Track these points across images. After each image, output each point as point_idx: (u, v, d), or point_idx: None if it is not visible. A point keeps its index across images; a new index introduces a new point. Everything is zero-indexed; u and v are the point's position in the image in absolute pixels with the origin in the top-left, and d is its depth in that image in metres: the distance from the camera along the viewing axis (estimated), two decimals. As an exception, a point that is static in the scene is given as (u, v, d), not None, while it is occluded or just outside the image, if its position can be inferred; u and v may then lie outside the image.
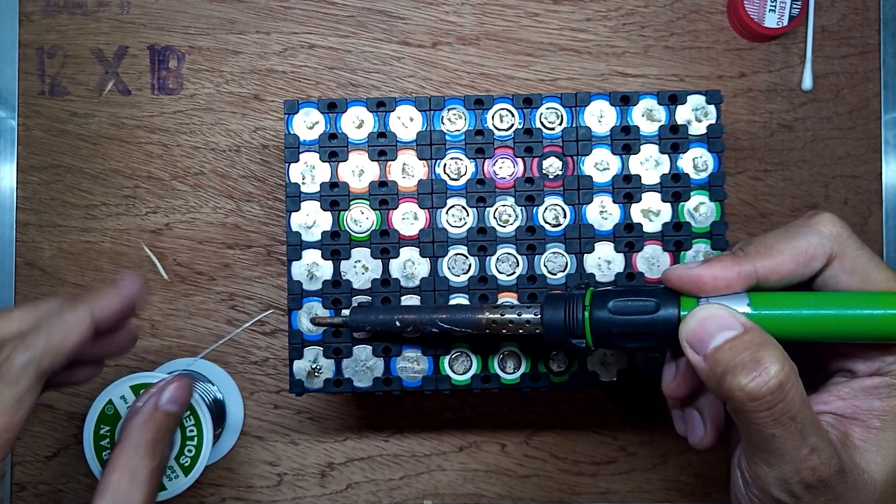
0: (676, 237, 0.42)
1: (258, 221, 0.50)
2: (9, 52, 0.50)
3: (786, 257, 0.31)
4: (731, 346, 0.29)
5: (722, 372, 0.28)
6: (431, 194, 0.42)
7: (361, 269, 0.42)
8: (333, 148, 0.42)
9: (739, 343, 0.29)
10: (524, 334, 0.35)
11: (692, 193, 0.42)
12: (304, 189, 0.41)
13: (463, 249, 0.41)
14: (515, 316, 0.35)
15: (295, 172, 0.42)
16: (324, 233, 0.41)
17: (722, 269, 0.31)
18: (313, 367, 0.41)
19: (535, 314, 0.35)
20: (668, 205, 0.42)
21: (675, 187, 0.42)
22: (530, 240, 0.41)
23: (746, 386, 0.28)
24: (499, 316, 0.35)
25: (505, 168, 0.42)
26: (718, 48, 0.51)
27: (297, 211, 0.41)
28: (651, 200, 0.42)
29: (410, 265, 0.41)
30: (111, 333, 0.37)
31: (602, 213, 0.42)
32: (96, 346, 0.36)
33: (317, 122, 0.42)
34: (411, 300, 0.41)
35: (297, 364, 0.41)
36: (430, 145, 0.42)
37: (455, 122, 0.42)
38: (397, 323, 0.37)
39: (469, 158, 0.42)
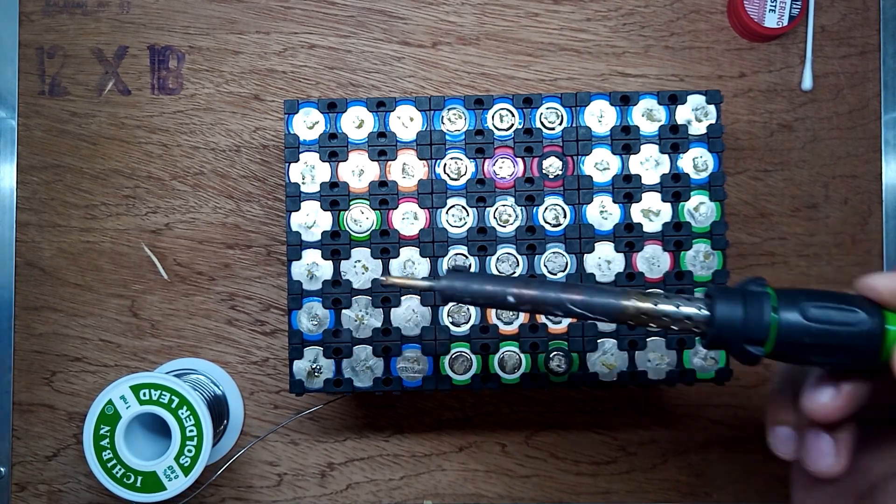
0: (676, 237, 0.42)
1: (258, 221, 0.50)
2: (9, 52, 0.50)
3: None
4: None
5: None
6: (431, 194, 0.42)
7: (361, 269, 0.42)
8: (333, 148, 0.42)
9: None
10: (676, 330, 0.29)
11: (692, 193, 0.42)
12: (304, 189, 0.41)
13: (463, 249, 0.41)
14: (673, 308, 0.28)
15: (295, 172, 0.42)
16: (324, 233, 0.41)
17: None
18: (313, 367, 0.41)
19: (699, 309, 0.28)
20: (668, 205, 0.42)
21: (675, 187, 0.42)
22: (530, 240, 0.41)
23: None
24: (651, 306, 0.29)
25: (505, 168, 0.42)
26: (718, 48, 0.51)
27: (297, 211, 0.41)
28: (651, 200, 0.42)
29: (410, 265, 0.41)
30: None
31: (602, 212, 0.42)
32: None
33: (317, 122, 0.42)
34: (411, 300, 0.41)
35: (297, 364, 0.41)
36: (430, 145, 0.42)
37: (455, 122, 0.42)
38: (510, 298, 0.30)
39: (469, 158, 0.42)
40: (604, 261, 0.42)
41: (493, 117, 0.42)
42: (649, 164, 0.42)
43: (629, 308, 0.29)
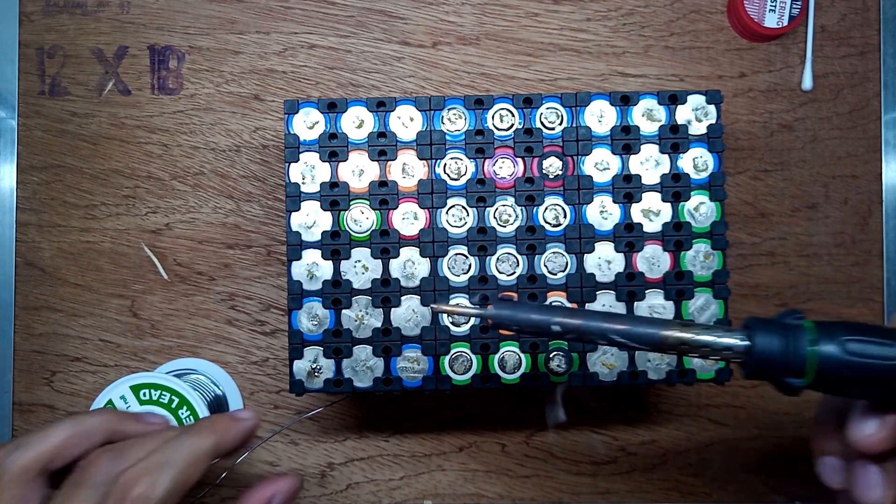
0: (677, 237, 0.42)
1: (258, 221, 0.50)
2: (9, 52, 0.50)
3: None
4: None
5: None
6: (431, 194, 0.42)
7: (361, 269, 0.42)
8: (333, 148, 0.42)
9: None
10: (716, 360, 0.31)
11: (692, 193, 0.42)
12: (304, 189, 0.41)
13: (463, 249, 0.41)
14: (713, 339, 0.29)
15: (295, 172, 0.42)
16: (324, 233, 0.41)
17: None
18: (313, 367, 0.41)
19: (740, 339, 0.29)
20: (669, 205, 0.42)
21: (675, 187, 0.42)
22: (530, 240, 0.41)
23: None
24: (692, 336, 0.30)
25: (505, 168, 0.42)
26: (718, 48, 0.51)
27: (297, 211, 0.41)
28: (651, 200, 0.42)
29: (410, 265, 0.41)
30: None
31: (602, 212, 0.42)
32: None
33: (317, 122, 0.42)
34: (411, 300, 0.41)
35: (297, 364, 0.41)
36: (430, 145, 0.42)
37: (455, 122, 0.42)
38: (555, 328, 0.32)
39: (469, 158, 0.42)
40: (604, 261, 0.42)
41: (493, 117, 0.42)
42: (649, 164, 0.42)
43: (669, 338, 0.30)
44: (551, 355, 0.41)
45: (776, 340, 0.28)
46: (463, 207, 0.42)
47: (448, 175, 0.42)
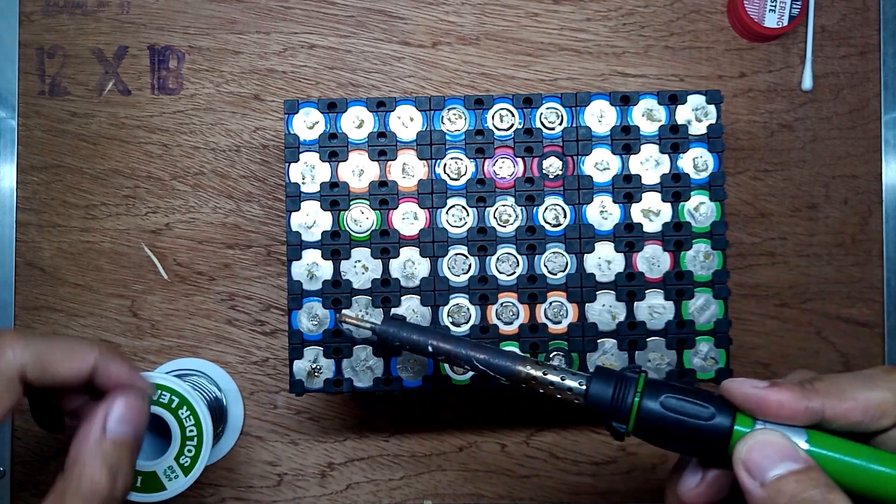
0: (676, 237, 0.42)
1: (258, 221, 0.50)
2: (9, 52, 0.50)
3: (857, 405, 0.30)
4: (797, 479, 0.28)
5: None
6: (431, 194, 0.42)
7: (361, 269, 0.42)
8: (333, 148, 0.42)
9: (807, 479, 0.28)
10: (560, 399, 0.34)
11: (692, 193, 0.42)
12: (304, 189, 0.41)
13: (463, 249, 0.41)
14: (558, 379, 0.33)
15: (295, 172, 0.42)
16: (324, 233, 0.41)
17: (790, 399, 0.30)
18: (313, 367, 0.41)
19: (579, 384, 0.33)
20: (668, 205, 0.42)
21: (675, 187, 0.42)
22: (530, 240, 0.41)
23: None
24: (540, 374, 0.33)
25: (505, 168, 0.42)
26: (718, 48, 0.51)
27: (297, 211, 0.41)
28: (651, 200, 0.42)
29: (410, 265, 0.41)
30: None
31: (602, 212, 0.42)
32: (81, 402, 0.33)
33: (317, 122, 0.42)
34: (411, 300, 0.41)
35: (297, 364, 0.41)
36: (430, 145, 0.42)
37: (455, 122, 0.42)
38: (430, 348, 0.36)
39: (469, 158, 0.42)
40: (604, 261, 0.42)
41: (493, 117, 0.42)
42: (649, 164, 0.42)
43: (521, 373, 0.34)
44: (551, 355, 0.41)
45: (608, 389, 0.32)
46: (463, 207, 0.42)
47: (448, 175, 0.42)
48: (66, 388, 0.32)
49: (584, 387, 0.33)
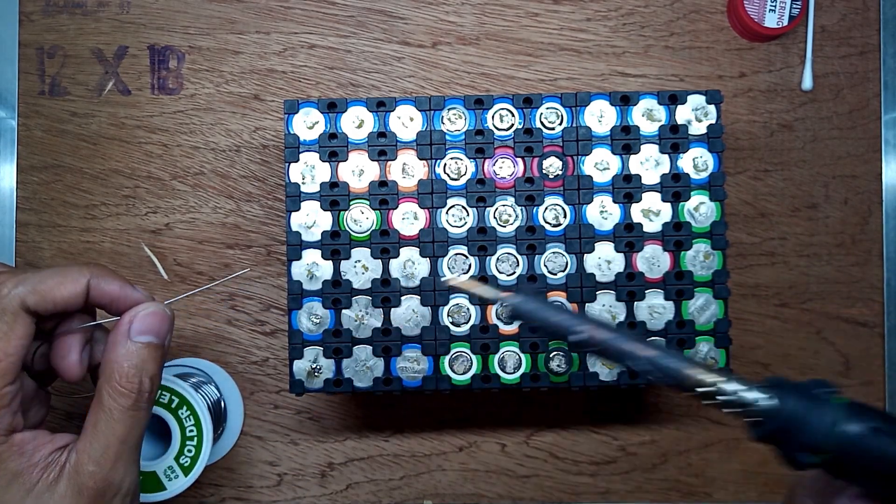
0: (676, 237, 0.42)
1: (258, 221, 0.50)
2: (9, 52, 0.50)
3: None
4: None
5: None
6: (431, 194, 0.42)
7: (361, 269, 0.42)
8: (333, 148, 0.42)
9: None
10: (729, 412, 0.27)
11: (692, 193, 0.42)
12: (304, 189, 0.41)
13: (463, 249, 0.41)
14: (738, 388, 0.26)
15: (295, 172, 0.42)
16: (324, 233, 0.41)
17: None
18: (313, 367, 0.41)
19: (768, 397, 0.26)
20: (668, 205, 0.42)
21: (675, 187, 0.42)
22: (530, 240, 0.41)
23: None
24: (714, 379, 0.27)
25: (505, 168, 0.42)
26: (718, 48, 0.51)
27: (297, 211, 0.41)
28: (651, 200, 0.42)
29: (410, 265, 0.41)
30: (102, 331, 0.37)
31: (602, 212, 0.42)
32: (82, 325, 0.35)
33: (317, 122, 0.42)
34: (411, 300, 0.41)
35: (297, 364, 0.41)
36: (430, 145, 0.42)
37: (455, 122, 0.42)
38: (575, 337, 0.28)
39: (469, 158, 0.42)
40: (604, 261, 0.42)
41: (493, 117, 0.42)
42: (649, 164, 0.42)
43: (690, 378, 0.27)
44: (551, 355, 0.41)
45: (803, 409, 0.25)
46: (463, 207, 0.42)
47: (448, 175, 0.42)
48: (69, 311, 0.34)
49: (774, 401, 0.26)
